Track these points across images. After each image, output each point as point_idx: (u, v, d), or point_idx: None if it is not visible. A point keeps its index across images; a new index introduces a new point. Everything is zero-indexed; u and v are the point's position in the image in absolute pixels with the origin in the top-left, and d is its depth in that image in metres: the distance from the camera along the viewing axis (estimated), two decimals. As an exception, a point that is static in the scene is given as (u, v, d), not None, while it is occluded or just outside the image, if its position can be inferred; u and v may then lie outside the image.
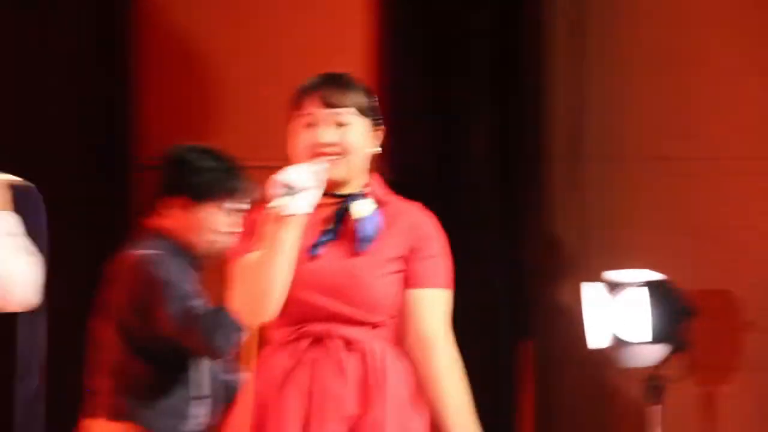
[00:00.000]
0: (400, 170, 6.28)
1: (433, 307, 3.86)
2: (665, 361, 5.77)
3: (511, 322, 6.48)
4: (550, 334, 6.46)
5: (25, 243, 3.50)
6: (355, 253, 3.77)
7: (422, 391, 3.72)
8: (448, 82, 6.79)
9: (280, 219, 3.63)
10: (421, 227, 3.76)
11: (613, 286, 5.76)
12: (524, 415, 6.51)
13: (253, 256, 3.75)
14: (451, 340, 3.68)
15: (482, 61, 6.89)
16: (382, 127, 3.79)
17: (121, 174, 7.06)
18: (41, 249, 3.89)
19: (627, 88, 6.84)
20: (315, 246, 3.73)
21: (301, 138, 3.72)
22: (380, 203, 3.76)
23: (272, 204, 3.54)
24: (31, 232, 3.93)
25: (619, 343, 5.74)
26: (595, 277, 5.90)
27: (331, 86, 3.91)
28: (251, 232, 3.82)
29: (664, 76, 6.75)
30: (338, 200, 3.74)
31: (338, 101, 3.84)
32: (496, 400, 6.24)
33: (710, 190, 6.48)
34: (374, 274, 3.77)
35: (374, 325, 3.80)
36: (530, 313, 6.50)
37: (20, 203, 3.67)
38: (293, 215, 3.57)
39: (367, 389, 3.75)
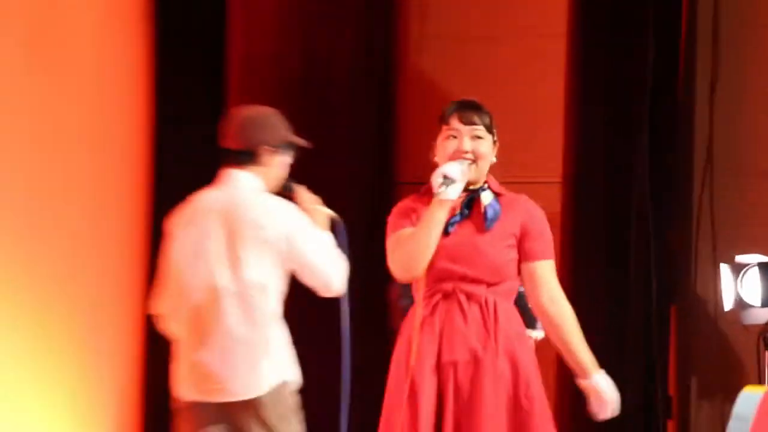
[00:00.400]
0: (586, 178, 7.78)
1: (553, 273, 4.77)
2: None
3: (663, 292, 7.54)
4: (692, 302, 7.66)
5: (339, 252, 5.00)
6: (481, 231, 4.61)
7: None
8: (620, 114, 7.76)
9: (439, 202, 4.55)
10: (531, 212, 4.66)
11: (739, 267, 6.97)
12: (670, 362, 7.62)
13: (408, 230, 4.68)
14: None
15: (644, 105, 7.70)
16: (497, 142, 4.73)
17: (387, 192, 8.02)
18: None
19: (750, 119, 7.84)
20: (449, 225, 4.61)
21: (448, 146, 4.67)
22: (498, 195, 4.66)
23: (435, 190, 4.56)
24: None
25: (742, 306, 6.94)
26: (729, 260, 7.12)
27: (468, 109, 4.74)
28: (406, 214, 4.76)
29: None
30: (467, 194, 4.64)
31: (474, 120, 4.67)
32: (649, 350, 7.45)
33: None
34: (495, 247, 4.58)
35: (489, 284, 4.60)
36: (677, 285, 7.66)
37: (332, 230, 5.24)
38: (447, 200, 4.52)
39: (485, 327, 4.56)
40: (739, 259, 7.07)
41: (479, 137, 4.63)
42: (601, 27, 7.88)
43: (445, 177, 4.56)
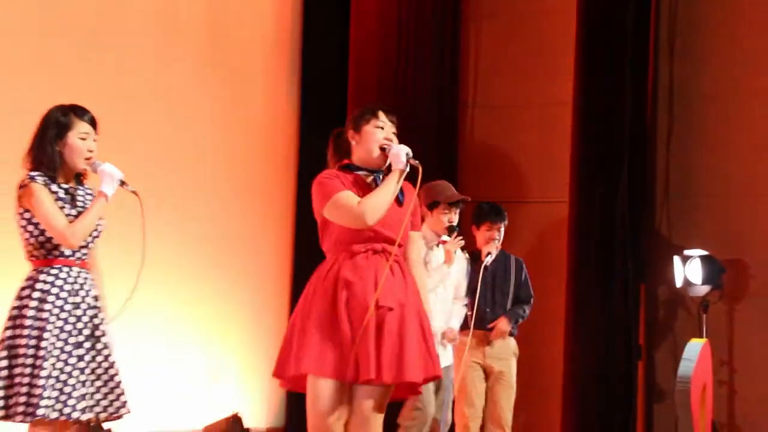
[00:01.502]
0: (585, 199, 8.77)
1: (417, 243, 5.42)
2: (709, 293, 8.37)
3: (636, 276, 8.83)
4: (655, 281, 8.95)
5: None
6: (399, 205, 5.04)
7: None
8: (608, 154, 8.86)
9: (401, 172, 5.01)
10: (413, 190, 5.06)
11: (687, 257, 8.36)
12: (640, 321, 8.89)
13: (349, 192, 5.00)
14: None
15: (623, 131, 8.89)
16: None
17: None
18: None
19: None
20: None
21: (378, 133, 5.08)
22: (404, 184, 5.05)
23: (399, 164, 4.98)
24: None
25: (688, 284, 8.35)
26: (679, 253, 8.47)
27: (390, 110, 5.24)
28: (338, 180, 5.05)
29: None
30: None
31: (394, 120, 5.20)
32: (627, 314, 8.69)
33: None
34: (408, 218, 5.06)
35: (401, 247, 5.10)
36: (646, 271, 8.94)
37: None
38: (405, 171, 4.99)
39: (405, 282, 5.07)
40: (687, 252, 8.48)
41: (394, 133, 5.16)
42: (595, 96, 8.93)
43: (407, 155, 5.05)
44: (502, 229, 7.44)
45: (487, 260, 7.36)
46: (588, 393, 8.55)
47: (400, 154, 4.98)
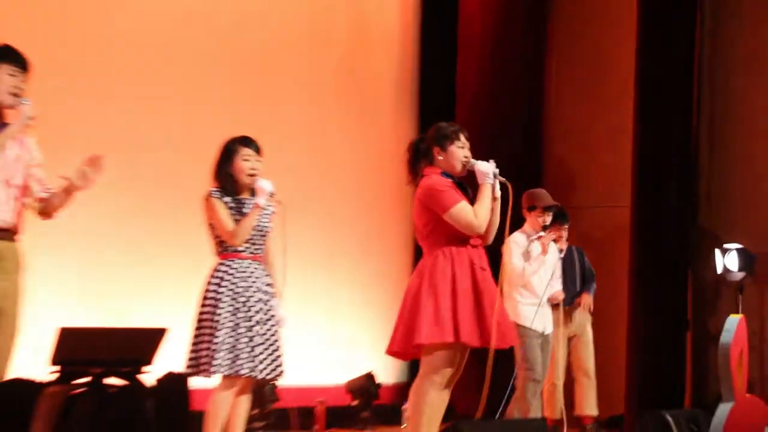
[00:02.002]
0: (644, 205, 8.68)
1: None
2: (744, 278, 8.21)
3: (686, 265, 8.81)
4: (701, 269, 8.83)
5: None
6: None
7: None
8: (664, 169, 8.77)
9: (492, 186, 5.06)
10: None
11: (726, 250, 8.23)
12: (689, 300, 8.82)
13: (464, 202, 5.02)
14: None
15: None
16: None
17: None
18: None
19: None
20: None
21: (461, 152, 5.14)
22: None
23: (489, 179, 5.04)
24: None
25: (727, 271, 8.22)
26: (720, 246, 8.31)
27: (465, 131, 5.26)
28: (453, 189, 5.05)
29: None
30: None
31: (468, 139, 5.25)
32: (679, 294, 8.74)
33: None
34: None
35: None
36: (694, 261, 8.88)
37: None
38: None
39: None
40: (726, 246, 8.32)
41: (469, 149, 5.22)
42: (650, 121, 8.76)
43: (494, 173, 5.08)
44: (566, 228, 7.64)
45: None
46: (647, 358, 8.54)
47: (488, 173, 5.04)
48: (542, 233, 7.23)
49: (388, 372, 8.42)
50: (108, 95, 7.54)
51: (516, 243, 7.16)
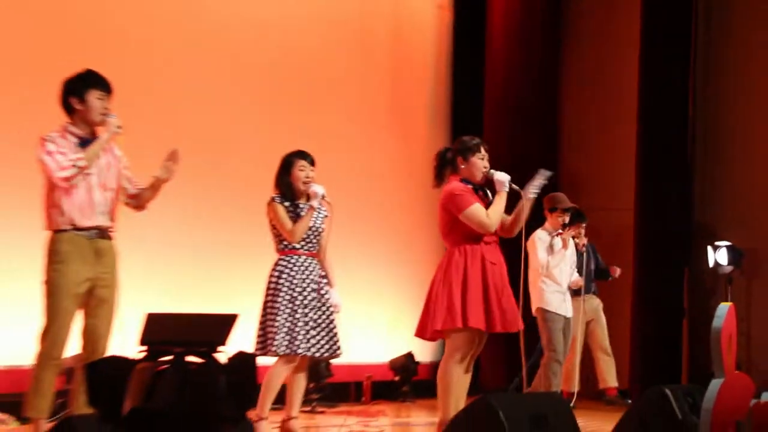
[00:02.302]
0: (645, 207, 8.60)
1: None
2: (732, 271, 8.29)
3: (683, 262, 8.82)
4: (695, 264, 8.80)
5: None
6: None
7: None
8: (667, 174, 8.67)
9: (505, 193, 5.07)
10: None
11: (717, 246, 8.33)
12: (684, 292, 8.80)
13: (478, 205, 5.01)
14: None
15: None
16: None
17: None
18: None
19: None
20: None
21: (482, 163, 5.14)
22: None
23: (505, 187, 5.05)
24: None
25: (718, 265, 8.30)
26: (711, 244, 8.41)
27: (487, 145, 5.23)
28: (470, 194, 5.04)
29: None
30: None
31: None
32: (676, 287, 8.70)
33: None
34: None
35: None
36: (689, 258, 8.83)
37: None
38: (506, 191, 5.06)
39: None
40: (717, 243, 8.44)
41: (488, 161, 5.23)
42: (651, 132, 8.73)
43: (509, 182, 5.12)
44: (584, 226, 7.71)
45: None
46: (648, 341, 8.53)
47: (504, 182, 5.06)
48: (561, 231, 7.25)
49: (425, 352, 8.38)
50: (186, 108, 7.55)
51: (540, 239, 7.18)
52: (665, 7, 8.79)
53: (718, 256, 8.34)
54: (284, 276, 5.42)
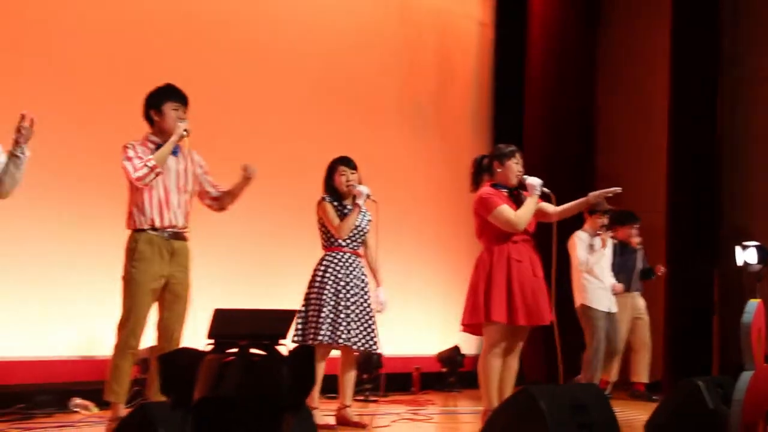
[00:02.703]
0: (676, 209, 8.54)
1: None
2: (761, 269, 7.67)
3: (712, 263, 8.70)
4: (725, 264, 8.52)
5: None
6: None
7: None
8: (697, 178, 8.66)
9: (538, 197, 5.11)
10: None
11: (745, 246, 7.73)
12: (715, 291, 8.72)
13: (506, 206, 5.02)
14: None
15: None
16: None
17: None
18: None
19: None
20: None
21: (517, 167, 5.15)
22: None
23: (537, 190, 5.08)
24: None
25: (746, 264, 7.72)
26: (740, 244, 7.79)
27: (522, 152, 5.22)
28: (498, 197, 5.06)
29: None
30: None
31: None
32: (706, 286, 8.60)
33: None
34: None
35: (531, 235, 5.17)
36: (718, 259, 8.69)
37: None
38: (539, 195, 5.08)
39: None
40: (745, 243, 7.84)
41: (523, 165, 5.29)
42: (682, 140, 8.69)
43: (541, 185, 5.16)
44: (637, 227, 7.78)
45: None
46: (680, 337, 8.44)
47: (536, 185, 5.08)
48: (600, 232, 7.29)
49: (471, 345, 8.27)
50: (255, 120, 7.61)
51: (579, 239, 7.21)
52: (694, 19, 8.76)
53: (747, 255, 7.97)
54: (330, 271, 5.46)
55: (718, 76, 8.77)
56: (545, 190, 5.10)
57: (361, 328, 5.45)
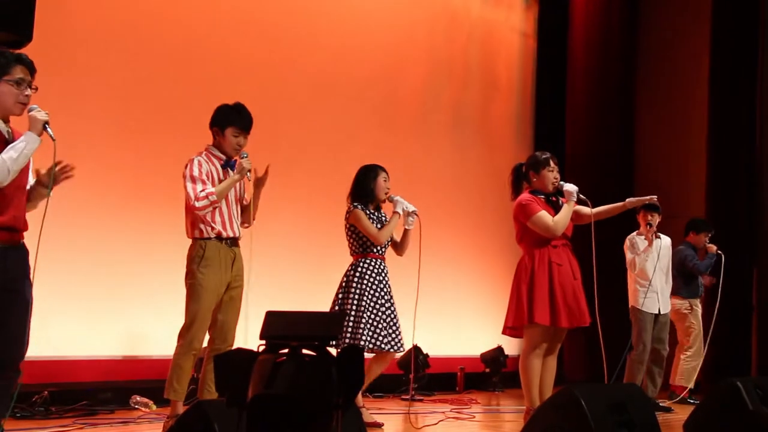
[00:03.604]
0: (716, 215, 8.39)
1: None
2: None
3: (751, 263, 8.62)
4: (765, 263, 8.53)
5: None
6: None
7: None
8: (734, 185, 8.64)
9: (573, 203, 5.07)
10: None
11: None
12: (754, 284, 8.60)
13: (544, 212, 4.98)
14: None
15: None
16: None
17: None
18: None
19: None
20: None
21: (552, 175, 5.10)
22: None
23: (573, 197, 5.05)
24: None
25: None
26: None
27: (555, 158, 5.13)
28: (537, 204, 5.03)
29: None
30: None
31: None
32: (746, 280, 8.50)
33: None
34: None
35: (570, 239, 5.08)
36: (757, 259, 8.61)
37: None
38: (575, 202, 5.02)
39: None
40: None
41: (558, 172, 5.24)
42: (719, 145, 8.75)
43: (577, 193, 5.13)
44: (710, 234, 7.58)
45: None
46: (719, 337, 8.20)
47: (573, 192, 5.06)
48: (645, 231, 7.11)
49: (513, 346, 8.18)
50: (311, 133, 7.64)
51: (629, 240, 7.08)
52: (732, 28, 8.74)
53: None
54: (366, 277, 5.38)
55: (757, 83, 8.65)
56: (581, 196, 5.10)
57: (390, 331, 5.41)
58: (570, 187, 5.07)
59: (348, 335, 5.25)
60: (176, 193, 4.80)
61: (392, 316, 5.42)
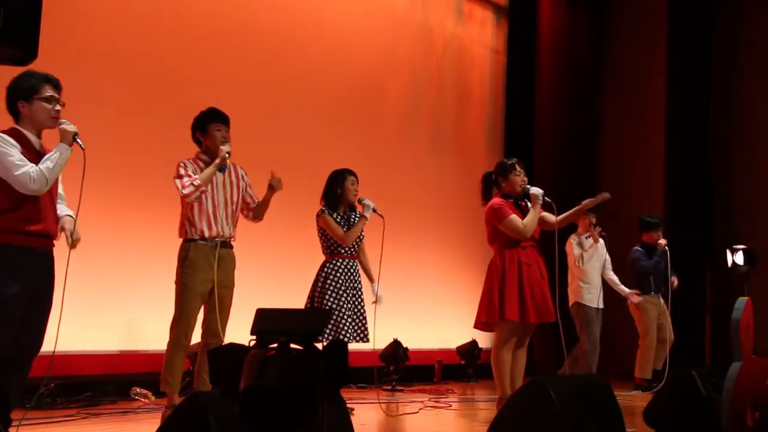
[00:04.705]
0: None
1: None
2: (748, 270, 7.95)
3: (704, 265, 8.77)
4: (718, 265, 8.54)
5: None
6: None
7: None
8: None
9: (540, 205, 5.01)
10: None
11: (734, 249, 8.06)
12: (707, 289, 8.83)
13: (515, 216, 4.93)
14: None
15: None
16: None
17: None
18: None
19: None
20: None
21: (518, 179, 5.07)
22: None
23: (540, 200, 4.98)
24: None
25: (735, 265, 8.02)
26: (729, 248, 8.15)
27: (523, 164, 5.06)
28: (508, 207, 4.99)
29: None
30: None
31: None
32: (701, 285, 8.68)
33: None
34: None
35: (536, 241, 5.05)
36: (712, 261, 8.72)
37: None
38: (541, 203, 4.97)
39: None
40: (735, 247, 8.18)
41: (525, 176, 5.15)
42: (677, 157, 8.76)
43: (543, 195, 5.06)
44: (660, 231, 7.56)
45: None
46: (676, 333, 8.05)
47: (539, 195, 4.99)
48: (589, 232, 7.13)
49: (487, 339, 8.12)
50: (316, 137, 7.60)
51: (573, 239, 7.07)
52: (686, 46, 8.93)
53: (736, 257, 8.04)
54: (339, 276, 5.29)
55: (710, 98, 8.90)
56: (547, 199, 5.04)
57: (358, 323, 5.33)
58: (536, 191, 5.02)
59: (330, 330, 5.17)
60: (175, 193, 4.77)
61: (361, 309, 5.35)
